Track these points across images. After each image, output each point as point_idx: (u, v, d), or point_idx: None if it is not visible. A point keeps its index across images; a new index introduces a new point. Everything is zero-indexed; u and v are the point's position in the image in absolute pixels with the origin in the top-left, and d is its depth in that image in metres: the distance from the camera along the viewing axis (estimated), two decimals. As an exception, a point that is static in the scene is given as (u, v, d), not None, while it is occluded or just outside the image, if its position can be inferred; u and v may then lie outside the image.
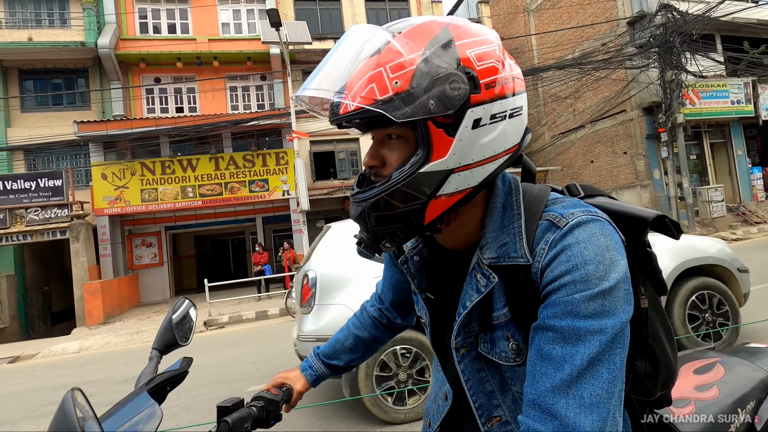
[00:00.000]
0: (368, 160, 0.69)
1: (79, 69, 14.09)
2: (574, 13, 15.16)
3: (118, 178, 12.26)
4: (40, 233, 11.62)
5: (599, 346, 0.55)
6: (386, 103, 0.61)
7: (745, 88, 13.60)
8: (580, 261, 0.58)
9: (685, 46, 11.85)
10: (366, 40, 0.65)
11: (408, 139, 0.66)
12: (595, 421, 0.53)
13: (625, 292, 0.58)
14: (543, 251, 0.63)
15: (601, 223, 0.62)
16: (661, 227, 0.74)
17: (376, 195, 0.65)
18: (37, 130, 12.99)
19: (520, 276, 0.65)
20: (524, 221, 0.67)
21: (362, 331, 1.10)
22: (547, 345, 0.58)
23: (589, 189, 0.80)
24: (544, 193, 0.71)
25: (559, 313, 0.58)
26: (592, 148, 15.16)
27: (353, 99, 0.61)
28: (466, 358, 0.74)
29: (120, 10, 14.04)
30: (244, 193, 12.93)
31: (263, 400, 0.91)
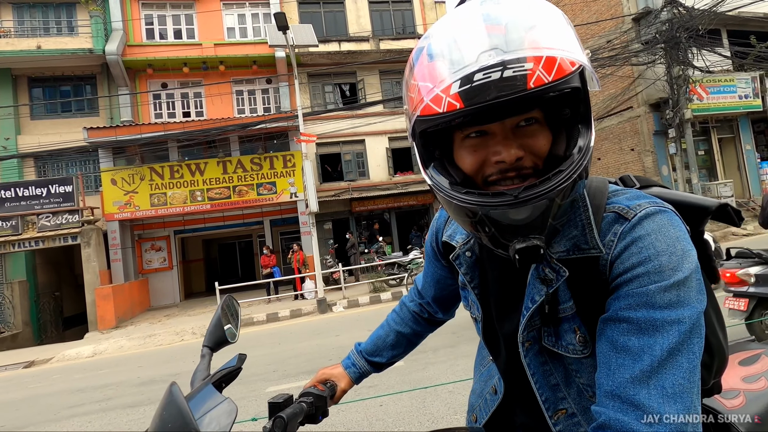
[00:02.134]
0: (515, 152, 0.60)
1: (87, 76, 14.22)
2: (579, 10, 15.14)
3: (127, 183, 12.37)
4: (52, 239, 11.74)
5: (678, 336, 0.55)
6: (588, 69, 0.58)
7: (753, 83, 13.51)
8: (653, 252, 0.58)
9: (691, 41, 11.79)
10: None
11: (541, 123, 0.63)
12: (680, 410, 0.53)
13: (698, 282, 0.58)
14: (612, 243, 0.62)
15: (668, 214, 0.62)
16: (723, 215, 0.74)
17: (568, 178, 0.58)
18: (47, 137, 13.12)
19: (587, 268, 0.65)
20: (592, 212, 0.66)
21: (403, 326, 1.10)
22: (622, 336, 0.58)
23: (643, 180, 0.80)
24: (604, 185, 0.70)
25: (633, 304, 0.58)
26: (599, 146, 15.11)
27: (569, 57, 0.55)
28: (530, 352, 0.73)
29: (126, 16, 14.17)
30: (252, 196, 13.00)
31: (312, 396, 0.91)
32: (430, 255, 1.01)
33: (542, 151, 0.62)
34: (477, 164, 0.63)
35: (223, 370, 0.90)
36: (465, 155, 0.65)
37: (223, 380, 0.89)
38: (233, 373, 0.91)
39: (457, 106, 0.55)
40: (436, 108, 0.57)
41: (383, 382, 4.20)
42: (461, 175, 0.66)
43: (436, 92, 0.57)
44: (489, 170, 0.63)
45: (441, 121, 0.59)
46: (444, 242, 0.91)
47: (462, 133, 0.64)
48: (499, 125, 0.61)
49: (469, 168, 0.64)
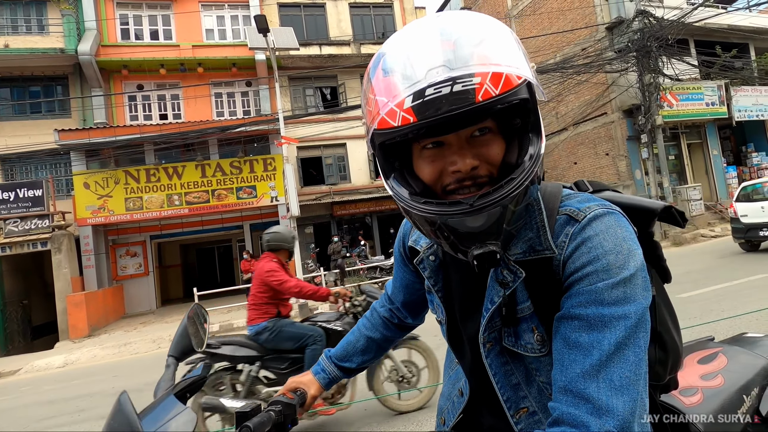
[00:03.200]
0: (471, 161, 0.63)
1: (58, 76, 13.76)
2: (555, 18, 15.53)
3: (101, 186, 12.00)
4: (20, 245, 11.27)
5: (625, 331, 0.57)
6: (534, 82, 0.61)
7: (719, 91, 14.11)
8: (601, 251, 0.61)
9: (661, 50, 12.25)
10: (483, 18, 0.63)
11: (495, 133, 0.65)
12: (627, 402, 0.55)
13: (643, 280, 0.61)
14: (564, 244, 0.65)
15: (616, 216, 0.65)
16: (668, 217, 0.78)
17: (519, 185, 0.61)
18: (15, 139, 12.62)
19: (542, 269, 0.67)
20: (546, 216, 0.69)
21: (373, 332, 1.10)
22: (573, 333, 0.60)
23: (596, 184, 0.84)
24: (558, 189, 0.73)
25: (583, 302, 0.60)
26: (575, 150, 15.50)
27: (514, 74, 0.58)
28: (492, 353, 0.75)
29: (101, 16, 13.80)
30: (232, 200, 12.79)
31: (281, 405, 0.91)
32: (398, 260, 1.02)
33: (496, 160, 0.65)
34: (435, 174, 0.66)
35: (186, 379, 0.88)
36: (423, 166, 0.67)
37: (188, 390, 0.88)
38: (199, 382, 0.90)
39: (411, 120, 0.58)
40: (391, 122, 0.59)
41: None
42: (421, 185, 0.67)
43: (391, 107, 0.59)
44: (447, 180, 0.65)
45: (397, 135, 0.61)
46: (410, 247, 0.93)
47: (420, 145, 0.66)
48: (454, 136, 0.63)
49: (427, 178, 0.67)
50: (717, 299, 5.40)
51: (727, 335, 3.86)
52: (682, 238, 11.94)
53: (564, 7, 15.08)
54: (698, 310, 4.90)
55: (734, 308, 4.79)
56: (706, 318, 4.60)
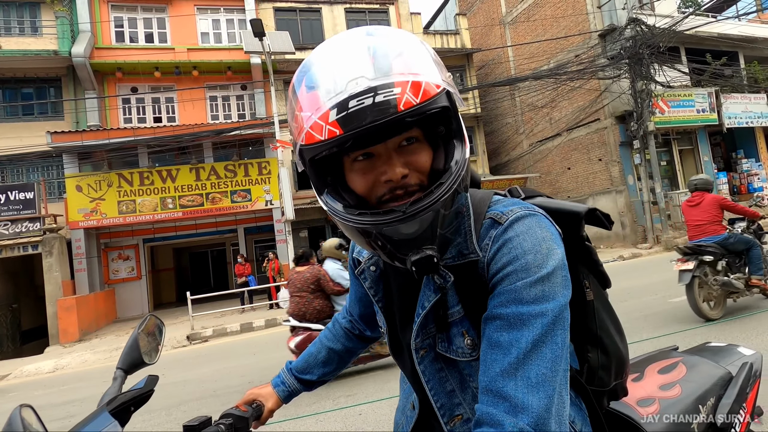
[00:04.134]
0: (401, 170, 0.64)
1: (51, 78, 13.67)
2: (549, 25, 15.70)
3: (93, 189, 11.89)
4: (10, 248, 11.14)
5: (541, 329, 0.59)
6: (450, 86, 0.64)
7: (709, 98, 14.33)
8: (520, 251, 0.62)
9: (653, 57, 12.43)
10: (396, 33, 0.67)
11: (422, 141, 0.67)
12: (542, 399, 0.56)
13: (563, 278, 0.62)
14: (488, 246, 0.67)
15: (537, 217, 0.67)
16: (594, 220, 0.79)
17: (448, 190, 0.63)
18: (6, 141, 12.49)
19: (470, 272, 0.69)
20: (473, 221, 0.71)
21: (335, 343, 1.09)
22: (495, 333, 0.61)
23: (529, 191, 0.84)
24: (487, 195, 0.75)
25: (504, 301, 0.61)
26: (568, 156, 15.62)
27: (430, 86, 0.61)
28: (426, 359, 0.74)
29: (95, 18, 13.74)
30: (226, 203, 12.74)
31: (232, 418, 0.88)
32: (351, 274, 1.01)
33: (425, 167, 0.66)
34: (368, 185, 0.66)
35: (127, 393, 0.85)
36: (355, 178, 0.67)
37: (133, 404, 0.85)
38: (145, 395, 0.87)
39: (337, 133, 0.59)
40: (317, 136, 0.60)
41: (362, 390, 4.17)
42: (354, 197, 0.68)
43: (315, 120, 0.60)
44: (380, 190, 0.66)
45: (324, 148, 0.61)
46: (354, 258, 0.94)
47: (350, 158, 0.67)
48: (382, 146, 0.64)
49: (361, 190, 0.67)
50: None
51: (720, 339, 3.89)
52: (673, 243, 12.05)
53: (558, 14, 15.26)
54: (687, 316, 4.95)
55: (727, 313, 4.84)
56: (694, 323, 4.65)
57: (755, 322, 4.49)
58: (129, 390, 0.85)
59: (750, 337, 4.07)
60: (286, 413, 3.83)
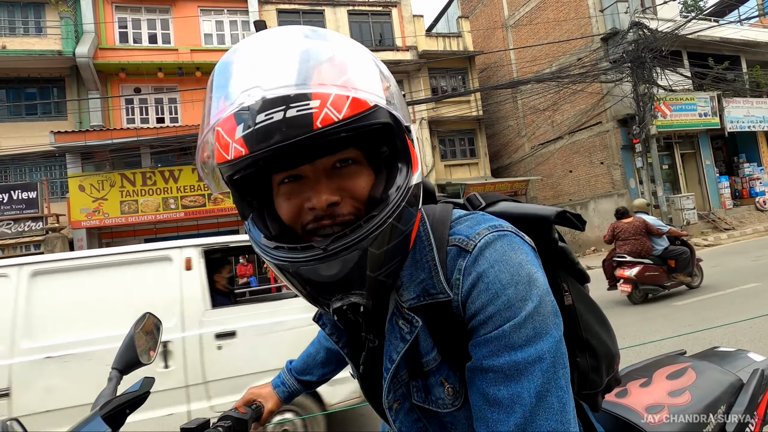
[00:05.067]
0: (327, 197, 0.54)
1: (54, 78, 13.71)
2: (551, 29, 15.74)
3: (96, 189, 11.92)
4: (13, 247, 11.16)
5: (542, 376, 0.52)
6: (389, 102, 0.54)
7: (711, 102, 14.35)
8: (499, 287, 0.54)
9: (655, 61, 12.46)
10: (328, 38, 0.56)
11: (361, 162, 0.58)
12: None
13: (551, 305, 0.56)
14: (458, 281, 0.57)
15: (508, 237, 0.58)
16: (565, 222, 0.72)
17: (382, 224, 0.53)
18: (9, 141, 12.52)
19: (442, 312, 0.59)
20: (437, 251, 0.60)
21: (332, 343, 0.99)
22: (491, 388, 0.54)
23: (489, 197, 0.76)
24: (446, 213, 0.65)
25: (494, 350, 0.54)
26: (570, 159, 15.64)
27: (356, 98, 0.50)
28: (401, 413, 0.66)
29: (99, 19, 13.79)
30: (228, 204, 12.74)
31: (230, 420, 0.86)
32: None
33: (361, 194, 0.56)
34: (293, 212, 0.57)
35: (122, 396, 0.82)
36: (281, 203, 0.58)
37: (128, 406, 0.82)
38: (140, 398, 0.84)
39: (243, 153, 0.49)
40: (224, 154, 0.51)
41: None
42: (278, 226, 0.59)
43: (222, 134, 0.51)
44: (305, 218, 0.56)
45: (234, 169, 0.52)
46: None
47: (277, 179, 0.58)
48: (310, 168, 0.55)
49: (285, 217, 0.58)
50: (712, 307, 5.46)
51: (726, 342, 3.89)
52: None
53: (560, 17, 15.30)
54: (691, 318, 4.95)
55: (728, 316, 4.84)
56: (700, 326, 4.65)
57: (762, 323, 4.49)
58: (124, 393, 0.82)
59: (753, 339, 4.07)
60: (289, 414, 3.83)
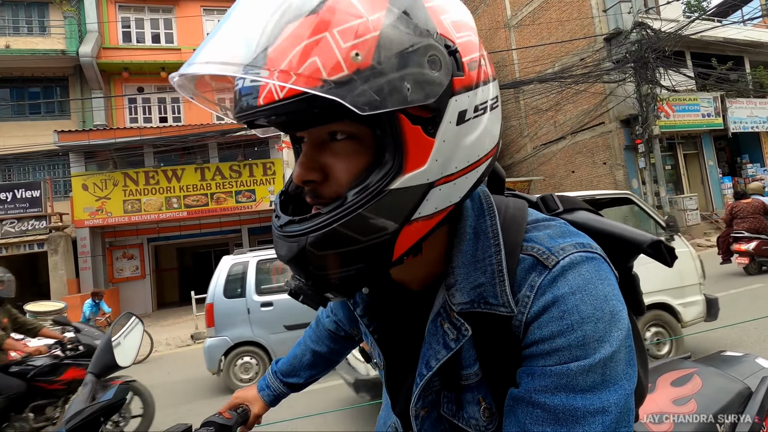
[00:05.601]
0: (302, 173, 0.50)
1: (58, 78, 13.77)
2: (554, 29, 15.72)
3: (99, 188, 11.96)
4: (16, 246, 11.21)
5: (602, 429, 0.45)
6: (342, 85, 0.41)
7: (714, 102, 14.31)
8: (577, 319, 0.47)
9: (658, 61, 12.43)
10: None
11: (362, 139, 0.48)
12: None
13: (627, 352, 0.49)
14: (527, 299, 0.50)
15: (597, 263, 0.51)
16: (655, 254, 0.62)
17: (324, 226, 0.46)
18: (13, 140, 12.58)
19: (496, 325, 0.52)
20: (504, 254, 0.53)
21: (319, 345, 0.99)
22: (535, 426, 0.47)
23: (567, 202, 0.69)
24: (521, 213, 0.57)
25: (550, 387, 0.47)
26: (572, 159, 15.62)
27: (285, 78, 0.40)
28: (427, 421, 0.61)
29: (102, 18, 13.84)
30: (231, 203, 12.78)
31: (214, 426, 0.83)
32: None
33: (343, 180, 0.48)
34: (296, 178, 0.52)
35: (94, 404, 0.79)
36: None
37: (103, 414, 0.79)
38: (115, 405, 0.81)
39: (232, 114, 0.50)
40: None
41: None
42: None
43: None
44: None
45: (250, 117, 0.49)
46: None
47: None
48: (306, 133, 0.51)
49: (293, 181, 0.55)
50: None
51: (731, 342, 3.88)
52: (678, 248, 12.03)
53: (563, 18, 15.28)
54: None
55: (733, 316, 4.83)
56: (704, 326, 4.63)
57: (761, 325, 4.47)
58: (97, 401, 0.80)
59: (759, 341, 4.06)
60: (300, 411, 3.84)
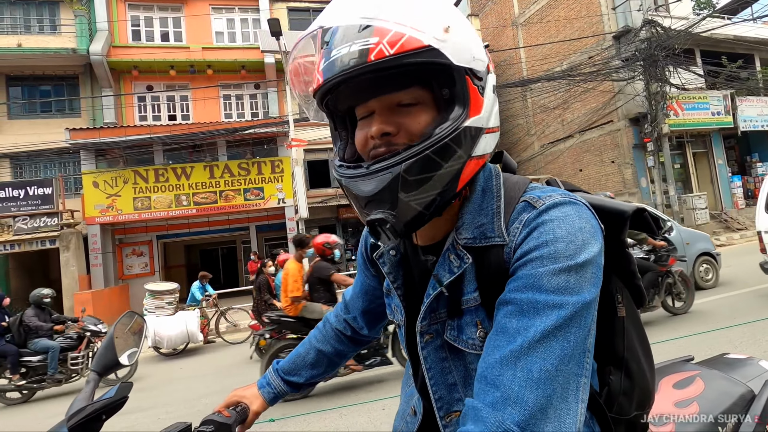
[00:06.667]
0: (382, 126, 0.60)
1: (68, 76, 13.89)
2: (562, 27, 15.66)
3: (110, 186, 12.07)
4: (29, 242, 11.33)
5: (555, 321, 0.52)
6: (445, 43, 0.57)
7: (724, 101, 14.21)
8: (551, 237, 0.56)
9: (668, 59, 12.36)
10: None
11: (426, 104, 0.61)
12: (540, 397, 0.49)
13: (592, 275, 0.55)
14: (517, 230, 0.60)
15: (578, 206, 0.60)
16: (640, 223, 0.70)
17: (417, 154, 0.57)
18: (24, 138, 12.71)
19: (493, 257, 0.62)
20: (503, 203, 0.65)
21: (324, 344, 1.03)
22: (504, 318, 0.56)
23: (568, 185, 0.79)
24: (524, 181, 0.69)
25: (521, 286, 0.55)
26: (580, 158, 15.56)
27: (415, 31, 0.55)
28: (430, 345, 0.69)
29: (112, 17, 13.94)
30: (239, 201, 12.86)
31: (213, 424, 0.82)
32: (360, 264, 0.96)
33: (415, 130, 0.60)
34: (361, 141, 0.63)
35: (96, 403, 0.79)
36: (357, 134, 0.65)
37: (105, 412, 0.79)
38: (117, 403, 0.81)
39: (320, 82, 0.59)
40: (314, 85, 0.61)
41: (382, 386, 4.22)
42: (353, 151, 0.67)
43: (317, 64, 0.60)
44: (369, 145, 0.62)
45: (319, 98, 0.62)
46: (372, 245, 0.87)
47: (358, 115, 0.65)
48: (376, 102, 0.61)
49: (357, 145, 0.65)
50: (726, 306, 5.44)
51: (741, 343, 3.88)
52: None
53: (571, 15, 15.21)
54: (708, 317, 4.94)
55: (743, 316, 4.83)
56: (717, 325, 4.64)
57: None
58: (99, 399, 0.79)
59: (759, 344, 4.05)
60: (308, 407, 3.89)
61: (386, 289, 0.82)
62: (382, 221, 0.59)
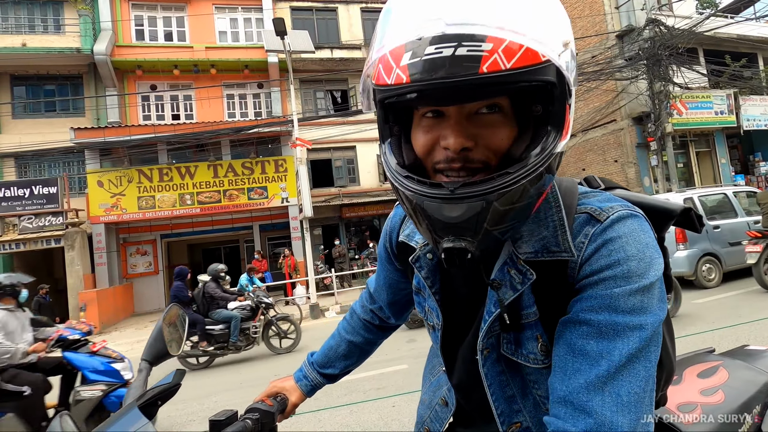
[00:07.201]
0: (461, 140, 0.54)
1: (72, 75, 13.93)
2: (565, 26, 15.65)
3: (114, 185, 12.12)
4: (34, 241, 11.38)
5: (638, 343, 0.52)
6: (560, 59, 0.51)
7: (728, 100, 14.19)
8: (623, 256, 0.55)
9: (671, 59, 12.35)
10: None
11: (505, 114, 0.56)
12: (633, 421, 0.50)
13: (660, 291, 0.57)
14: (582, 245, 0.59)
15: (639, 220, 0.59)
16: (684, 221, 0.72)
17: (513, 183, 0.52)
18: (29, 137, 12.75)
19: (555, 271, 0.61)
20: (564, 214, 0.62)
21: (354, 335, 1.04)
22: (580, 340, 0.55)
23: (607, 182, 0.78)
24: (574, 185, 0.67)
25: (596, 306, 0.55)
26: (583, 157, 15.57)
27: (539, 46, 0.49)
28: (488, 361, 0.68)
29: (116, 17, 13.97)
30: (243, 200, 12.90)
31: (258, 412, 0.86)
32: (383, 258, 0.94)
33: (498, 146, 0.55)
34: (427, 147, 0.58)
35: (155, 388, 0.84)
36: (419, 135, 0.59)
37: (160, 398, 0.84)
38: (172, 389, 0.86)
39: (403, 80, 0.50)
40: (385, 77, 0.53)
41: (391, 383, 4.25)
42: (413, 156, 0.60)
43: (387, 57, 0.52)
44: (437, 156, 0.57)
45: (389, 94, 0.54)
46: (400, 243, 0.84)
47: (420, 112, 0.59)
48: (455, 108, 0.54)
49: (419, 150, 0.59)
50: (733, 305, 5.46)
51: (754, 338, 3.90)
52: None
53: (574, 15, 15.21)
54: (715, 315, 4.95)
55: (751, 313, 4.85)
56: (723, 323, 4.66)
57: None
58: (157, 385, 0.84)
59: None
60: (318, 404, 3.92)
61: (416, 287, 0.81)
62: (463, 251, 0.55)
